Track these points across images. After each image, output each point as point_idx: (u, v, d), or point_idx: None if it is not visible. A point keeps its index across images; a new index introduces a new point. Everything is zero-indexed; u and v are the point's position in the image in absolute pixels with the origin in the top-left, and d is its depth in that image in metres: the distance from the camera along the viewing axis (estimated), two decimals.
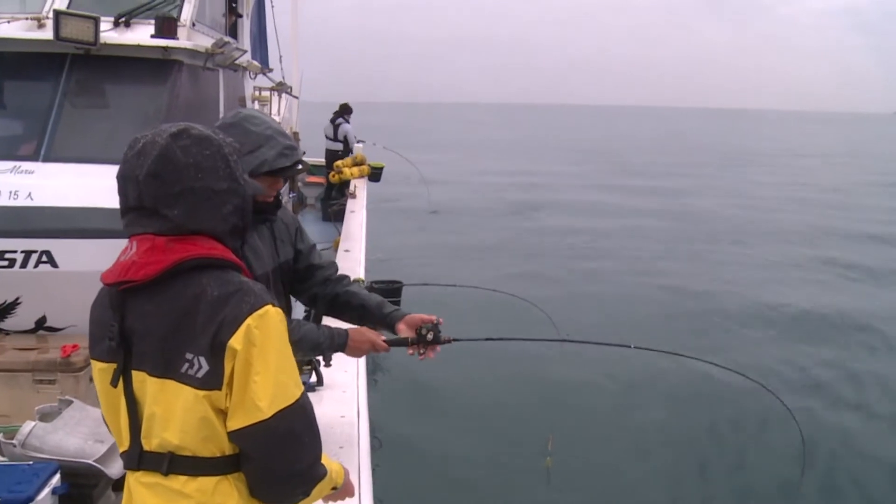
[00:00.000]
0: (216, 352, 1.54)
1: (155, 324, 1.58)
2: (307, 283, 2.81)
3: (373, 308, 2.79)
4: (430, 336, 2.68)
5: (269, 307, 1.59)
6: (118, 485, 3.58)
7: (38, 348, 4.30)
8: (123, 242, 1.65)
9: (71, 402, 3.73)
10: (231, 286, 1.58)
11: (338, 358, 3.94)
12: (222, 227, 1.65)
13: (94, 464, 3.37)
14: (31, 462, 3.23)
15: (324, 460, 1.73)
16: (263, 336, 1.55)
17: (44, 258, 4.40)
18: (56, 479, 3.13)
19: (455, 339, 2.77)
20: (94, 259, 4.43)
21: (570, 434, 6.46)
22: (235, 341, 1.53)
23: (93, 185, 4.63)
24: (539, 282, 11.96)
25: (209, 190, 1.62)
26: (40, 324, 4.60)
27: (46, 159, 4.83)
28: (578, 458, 6.22)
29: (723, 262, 14.57)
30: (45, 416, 3.63)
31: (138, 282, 1.57)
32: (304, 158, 2.70)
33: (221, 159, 1.65)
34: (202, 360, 1.54)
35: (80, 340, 4.30)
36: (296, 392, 1.61)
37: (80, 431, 3.52)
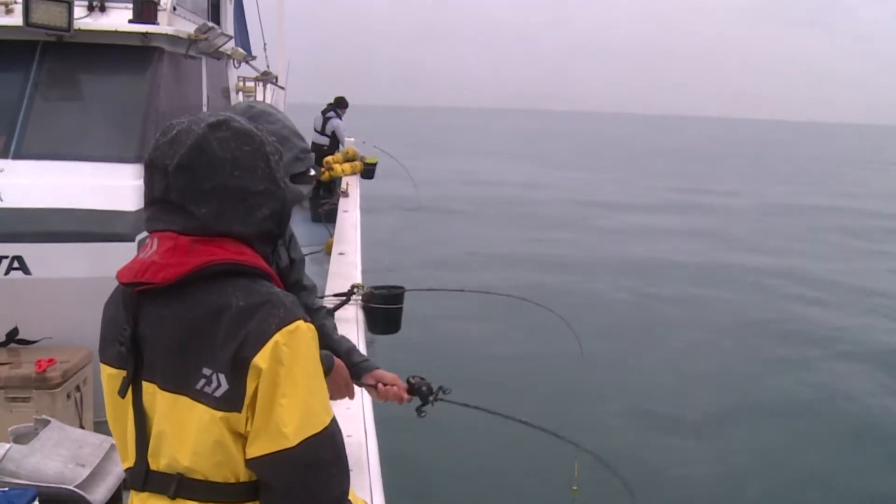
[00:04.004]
0: (238, 369, 1.49)
1: (170, 332, 1.54)
2: None
3: (341, 354, 2.82)
4: (429, 395, 2.89)
5: (300, 322, 1.54)
6: None
7: (10, 363, 4.24)
8: (102, 246, 1.61)
9: (48, 421, 3.68)
10: (259, 297, 1.54)
11: None
12: (254, 231, 1.62)
13: (76, 490, 3.33)
14: (6, 489, 3.19)
15: (350, 496, 1.69)
16: (292, 354, 1.51)
17: (15, 264, 4.34)
18: None
19: (450, 401, 2.93)
20: (70, 265, 4.45)
21: (595, 460, 6.41)
22: (261, 359, 1.48)
23: (68, 184, 4.60)
24: (556, 288, 11.97)
25: (244, 190, 1.58)
26: (11, 336, 4.54)
27: (17, 156, 4.77)
28: (606, 486, 6.19)
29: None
30: (20, 438, 3.58)
31: (156, 285, 1.53)
32: None
33: (262, 158, 1.61)
34: (221, 377, 1.50)
35: (55, 354, 4.27)
36: (325, 418, 1.57)
37: (60, 454, 3.48)
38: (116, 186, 4.54)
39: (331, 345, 2.83)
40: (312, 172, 2.55)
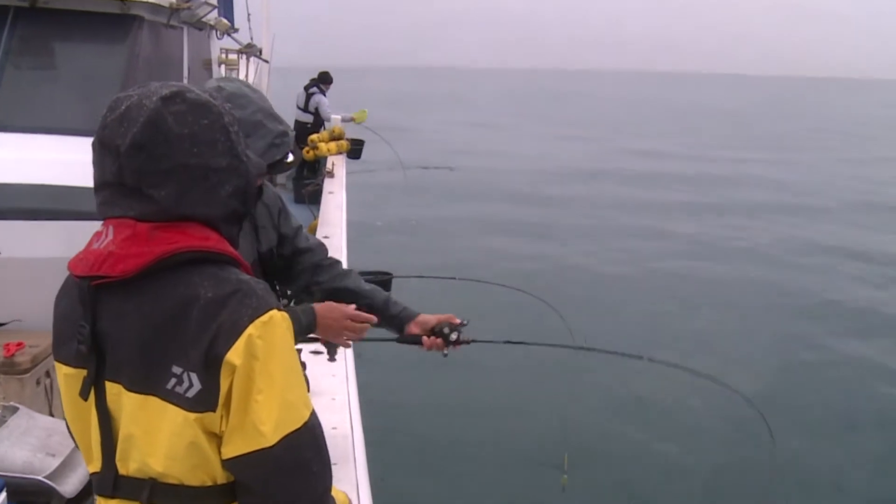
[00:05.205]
0: (211, 367, 1.43)
1: (134, 329, 1.48)
2: (295, 271, 2.73)
3: (379, 305, 2.71)
4: (453, 336, 2.69)
5: (273, 312, 1.49)
6: None
7: None
8: (76, 225, 1.54)
9: (16, 408, 3.64)
10: (228, 286, 1.48)
11: (323, 361, 3.88)
12: (218, 211, 1.55)
13: (45, 480, 3.28)
14: None
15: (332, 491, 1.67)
16: (268, 347, 1.46)
17: None
18: (2, 499, 3.05)
19: (473, 340, 2.76)
20: (42, 244, 4.39)
21: (586, 450, 6.50)
22: (234, 354, 1.43)
23: (41, 159, 4.54)
24: (551, 276, 11.92)
25: (205, 167, 1.50)
26: None
27: None
28: (596, 476, 6.28)
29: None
30: None
31: (115, 278, 1.47)
32: None
33: (221, 130, 1.53)
34: (193, 376, 1.44)
35: (25, 337, 4.21)
36: (304, 413, 1.52)
37: (28, 443, 3.44)
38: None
39: (368, 298, 2.72)
40: (290, 158, 2.47)
